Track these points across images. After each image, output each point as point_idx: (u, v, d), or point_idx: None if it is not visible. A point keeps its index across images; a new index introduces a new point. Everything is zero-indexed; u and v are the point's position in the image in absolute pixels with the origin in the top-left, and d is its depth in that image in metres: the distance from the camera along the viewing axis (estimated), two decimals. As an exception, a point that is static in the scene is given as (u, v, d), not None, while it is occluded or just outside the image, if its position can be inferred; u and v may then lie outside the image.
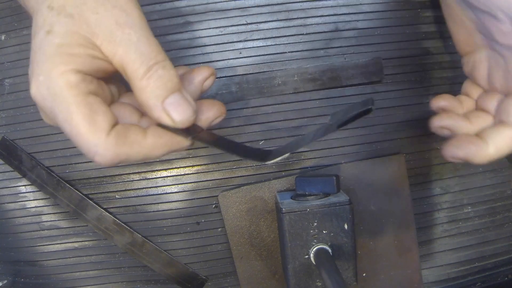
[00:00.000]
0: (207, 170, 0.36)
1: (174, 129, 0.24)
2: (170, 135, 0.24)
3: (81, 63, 0.22)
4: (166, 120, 0.23)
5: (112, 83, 0.26)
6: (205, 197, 0.37)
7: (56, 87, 0.22)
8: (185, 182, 0.36)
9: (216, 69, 0.35)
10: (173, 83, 0.23)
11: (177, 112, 0.23)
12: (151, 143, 0.24)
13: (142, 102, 0.23)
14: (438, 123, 0.30)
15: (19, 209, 0.37)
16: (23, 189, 0.37)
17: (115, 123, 0.23)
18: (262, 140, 0.36)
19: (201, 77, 0.27)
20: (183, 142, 0.25)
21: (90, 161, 0.36)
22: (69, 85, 0.22)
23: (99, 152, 0.22)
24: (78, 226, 0.37)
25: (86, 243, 0.37)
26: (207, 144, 0.25)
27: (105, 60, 0.23)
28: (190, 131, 0.25)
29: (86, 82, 0.22)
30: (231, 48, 0.35)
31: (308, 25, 0.35)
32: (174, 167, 0.36)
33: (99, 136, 0.22)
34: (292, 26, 0.35)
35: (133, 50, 0.22)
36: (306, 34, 0.35)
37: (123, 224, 0.37)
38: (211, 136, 0.25)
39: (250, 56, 0.35)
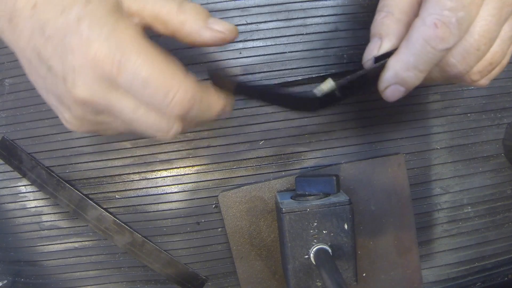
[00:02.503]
0: (207, 170, 0.36)
1: (224, 83, 0.26)
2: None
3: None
4: (216, 35, 0.25)
5: None
6: (205, 197, 0.36)
7: (128, 37, 0.22)
8: (185, 182, 0.36)
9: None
10: (205, 11, 0.25)
11: (222, 25, 0.25)
12: (215, 95, 0.26)
13: (186, 33, 0.25)
14: None
15: (19, 209, 0.37)
16: (23, 189, 0.37)
17: None
18: (262, 140, 0.36)
19: None
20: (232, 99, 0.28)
21: (90, 161, 0.36)
22: (139, 34, 0.23)
23: (181, 91, 0.23)
24: (78, 226, 0.37)
25: (86, 243, 0.37)
26: (250, 98, 0.28)
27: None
28: (236, 87, 0.27)
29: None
30: (231, 48, 0.35)
31: (308, 25, 0.35)
32: (174, 167, 0.36)
33: (180, 74, 0.23)
34: (292, 26, 0.35)
35: None
36: (306, 34, 0.35)
37: (123, 224, 0.37)
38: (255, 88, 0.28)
39: (250, 56, 0.35)
